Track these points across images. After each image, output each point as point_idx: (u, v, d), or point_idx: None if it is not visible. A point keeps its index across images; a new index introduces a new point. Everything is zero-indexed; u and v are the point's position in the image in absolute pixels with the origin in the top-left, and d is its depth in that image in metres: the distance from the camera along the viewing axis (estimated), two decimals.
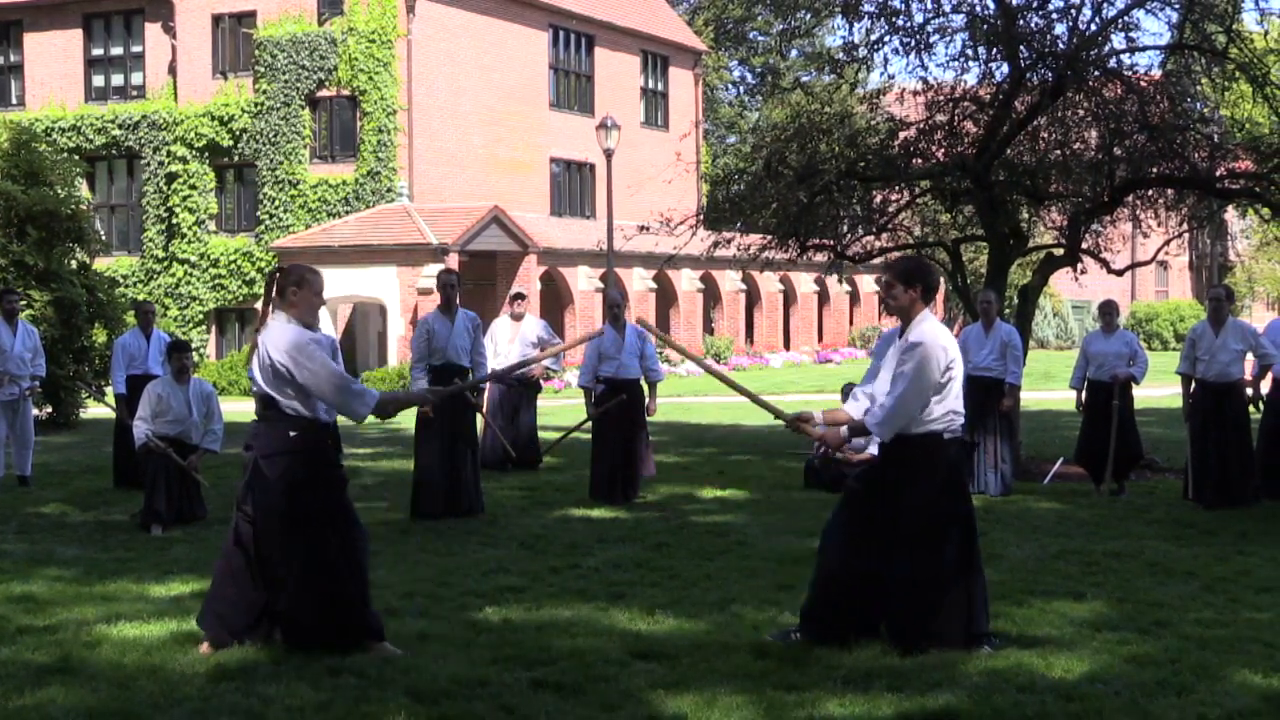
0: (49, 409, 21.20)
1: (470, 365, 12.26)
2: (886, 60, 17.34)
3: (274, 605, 6.93)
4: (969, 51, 15.30)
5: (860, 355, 45.88)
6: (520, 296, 16.08)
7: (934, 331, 6.89)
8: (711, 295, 42.92)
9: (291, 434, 6.86)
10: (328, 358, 6.95)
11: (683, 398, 29.18)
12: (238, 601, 6.97)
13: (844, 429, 7.12)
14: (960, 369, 6.97)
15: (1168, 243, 17.68)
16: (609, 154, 31.05)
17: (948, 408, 6.90)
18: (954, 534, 6.93)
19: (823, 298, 47.45)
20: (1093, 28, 14.81)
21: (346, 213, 34.12)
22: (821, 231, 16.80)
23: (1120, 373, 13.26)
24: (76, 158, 29.46)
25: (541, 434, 16.08)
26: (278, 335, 6.86)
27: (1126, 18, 14.91)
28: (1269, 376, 12.77)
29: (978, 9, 15.25)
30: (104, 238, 31.70)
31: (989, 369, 13.31)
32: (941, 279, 11.99)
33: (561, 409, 23.24)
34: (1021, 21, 14.89)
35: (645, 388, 13.26)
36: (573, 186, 40.50)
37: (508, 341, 15.64)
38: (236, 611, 6.97)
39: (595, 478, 12.93)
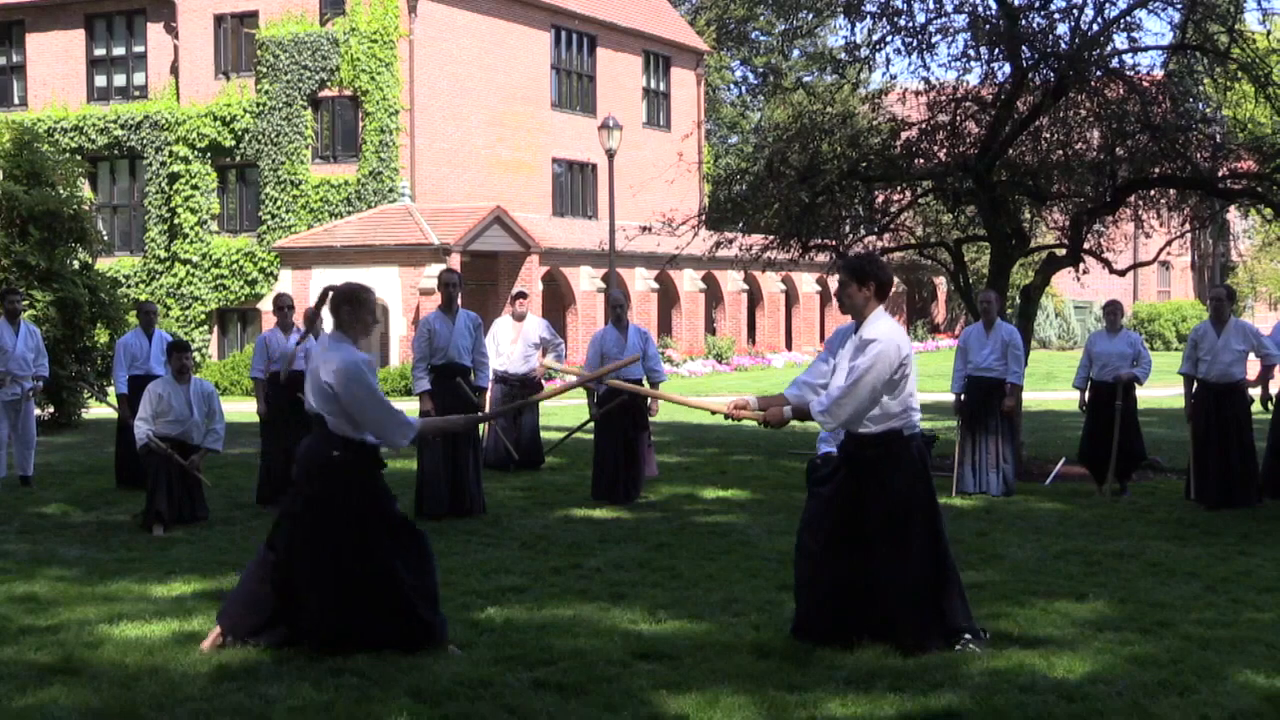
0: (51, 409, 21.21)
1: (472, 365, 12.30)
2: (888, 60, 17.27)
3: (300, 615, 6.93)
4: (971, 52, 15.31)
5: None
6: (522, 296, 16.08)
7: (889, 329, 6.89)
8: (713, 295, 42.92)
9: (335, 453, 6.87)
10: (376, 384, 6.94)
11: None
12: (254, 603, 6.98)
13: (786, 409, 7.06)
14: (914, 366, 6.96)
15: (1170, 243, 17.69)
16: (611, 154, 31.04)
17: (905, 404, 6.90)
18: (927, 528, 6.93)
19: (825, 298, 47.43)
20: (1095, 28, 14.81)
21: (348, 213, 34.11)
22: (823, 232, 16.81)
23: (1123, 373, 13.25)
24: (79, 158, 29.45)
25: (544, 434, 16.08)
26: (331, 355, 6.86)
27: (1128, 18, 14.92)
28: (1276, 376, 12.76)
29: (980, 9, 15.27)
30: (106, 238, 31.70)
31: (990, 369, 13.31)
32: (942, 278, 11.97)
33: (564, 409, 23.24)
34: (1023, 22, 14.90)
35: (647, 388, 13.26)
36: (574, 187, 40.49)
37: (510, 342, 15.63)
38: (250, 612, 6.98)
39: (597, 478, 12.94)
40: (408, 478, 12.83)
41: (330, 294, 7.10)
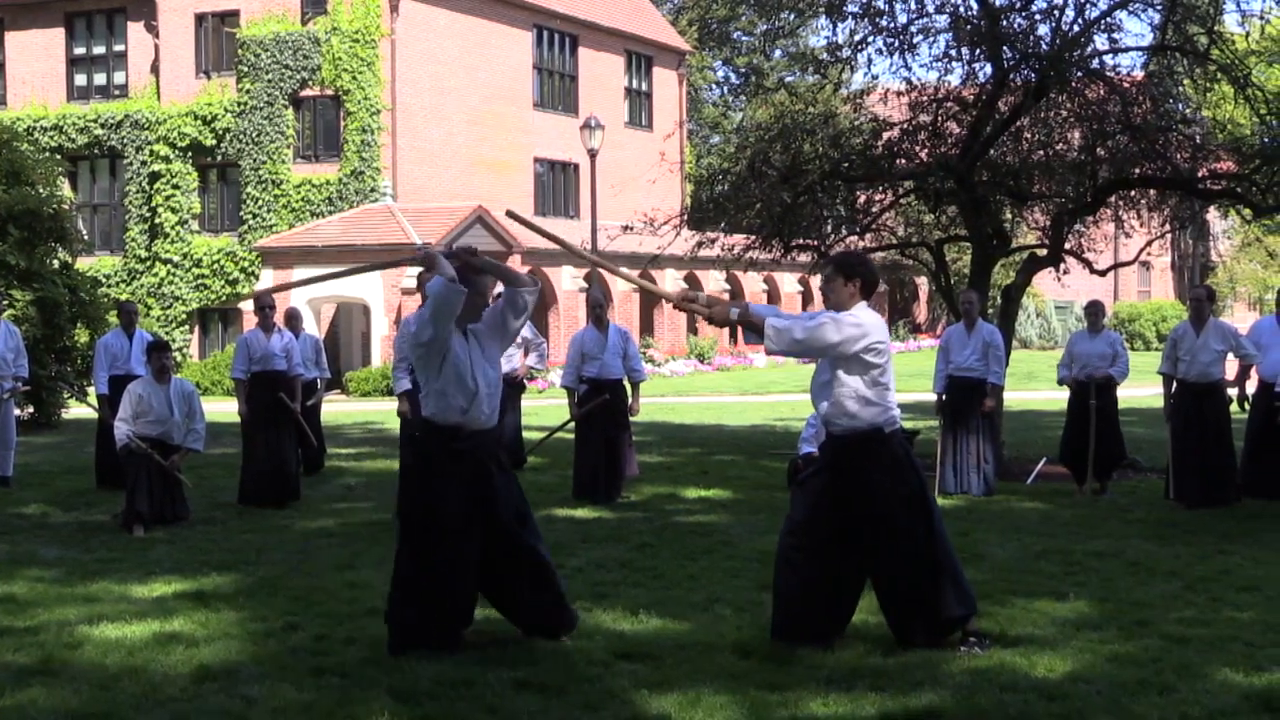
0: (30, 409, 21.11)
1: None
2: (870, 61, 17.43)
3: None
4: (952, 52, 15.33)
5: None
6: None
7: (867, 315, 6.88)
8: None
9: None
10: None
11: (666, 398, 29.18)
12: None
13: (734, 310, 7.00)
14: (891, 363, 6.96)
15: (1150, 243, 17.74)
16: (593, 154, 31.03)
17: (884, 399, 6.89)
18: (919, 522, 6.93)
19: (806, 298, 47.47)
20: (1075, 29, 14.84)
21: (330, 213, 34.03)
22: (805, 232, 16.83)
23: (1097, 373, 13.27)
24: (59, 157, 29.31)
25: (525, 434, 16.05)
26: None
27: (1109, 19, 14.95)
28: (1253, 376, 12.81)
29: (961, 10, 15.29)
30: (86, 237, 31.57)
31: (971, 369, 13.33)
32: (923, 279, 11.98)
33: (545, 409, 23.22)
34: (1005, 22, 14.92)
35: (628, 387, 13.27)
36: (556, 186, 40.47)
37: None
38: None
39: (578, 478, 12.93)
40: (390, 477, 12.79)
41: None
